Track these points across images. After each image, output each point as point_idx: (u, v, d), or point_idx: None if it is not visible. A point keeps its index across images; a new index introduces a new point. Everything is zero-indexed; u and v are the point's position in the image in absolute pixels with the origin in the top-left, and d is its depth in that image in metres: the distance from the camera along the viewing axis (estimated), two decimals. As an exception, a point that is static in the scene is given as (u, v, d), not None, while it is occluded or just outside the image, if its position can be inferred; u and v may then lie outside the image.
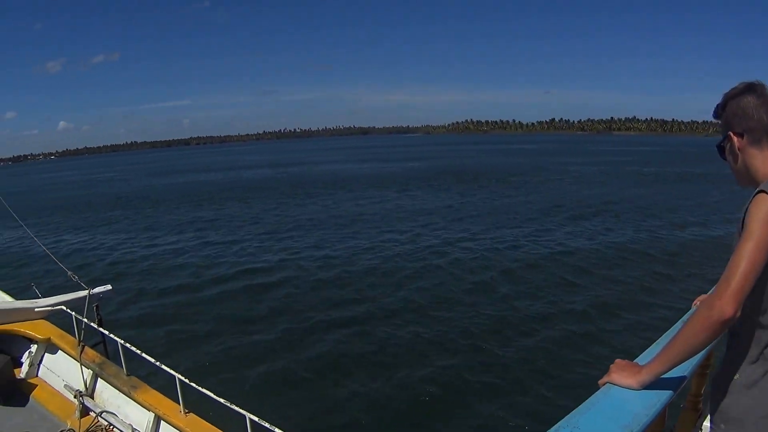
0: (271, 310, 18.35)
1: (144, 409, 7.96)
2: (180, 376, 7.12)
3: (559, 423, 2.34)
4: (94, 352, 9.24)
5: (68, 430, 8.27)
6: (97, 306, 9.97)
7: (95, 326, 9.28)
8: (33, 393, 9.41)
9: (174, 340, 16.08)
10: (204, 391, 6.73)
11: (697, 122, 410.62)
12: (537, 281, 20.34)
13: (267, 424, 6.17)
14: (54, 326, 10.12)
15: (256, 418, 6.25)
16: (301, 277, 21.97)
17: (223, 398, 6.58)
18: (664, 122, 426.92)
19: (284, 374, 13.69)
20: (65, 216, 48.26)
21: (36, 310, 10.29)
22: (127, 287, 21.74)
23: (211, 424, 7.21)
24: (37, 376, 9.88)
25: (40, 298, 10.73)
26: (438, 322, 16.48)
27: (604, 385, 2.72)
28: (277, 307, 18.51)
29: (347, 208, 41.84)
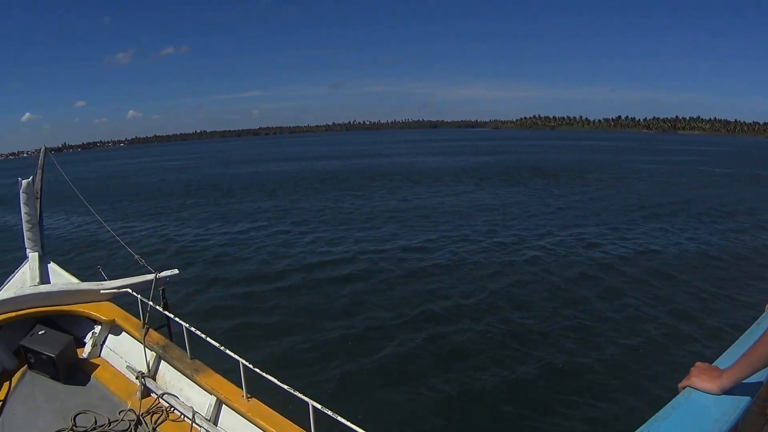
0: (340, 303, 18.65)
1: (206, 393, 8.22)
2: (244, 361, 7.32)
3: (640, 429, 2.38)
4: (159, 335, 9.60)
5: (128, 410, 8.58)
6: (163, 290, 10.39)
7: (161, 309, 9.71)
8: (95, 373, 9.87)
9: (238, 326, 16.60)
10: (268, 376, 6.87)
11: (759, 123, 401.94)
12: (616, 282, 20.15)
13: (330, 412, 6.27)
14: (119, 308, 10.60)
15: (319, 406, 6.35)
16: (374, 271, 22.15)
17: (286, 385, 6.71)
18: (727, 122, 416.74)
19: (350, 367, 13.92)
20: (134, 202, 50.35)
21: (101, 291, 10.80)
22: (194, 273, 22.72)
23: (273, 410, 7.37)
24: (99, 356, 10.36)
25: (105, 280, 11.27)
26: (514, 323, 16.42)
27: (683, 389, 2.75)
28: (347, 301, 18.80)
29: (423, 202, 41.96)
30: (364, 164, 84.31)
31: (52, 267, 12.24)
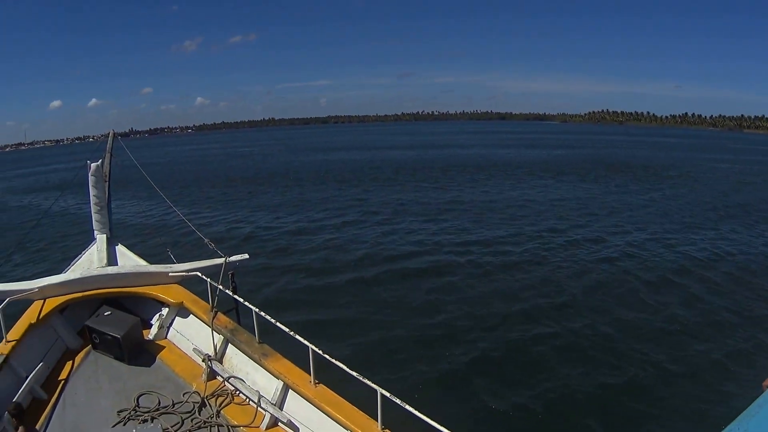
0: (413, 296, 18.84)
1: (273, 377, 8.51)
2: (313, 347, 7.57)
3: (728, 427, 2.48)
4: (227, 318, 9.96)
5: (193, 392, 9.00)
6: (232, 274, 10.82)
7: (230, 293, 10.14)
8: (160, 354, 10.33)
9: (307, 313, 17.01)
10: (337, 363, 7.11)
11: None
12: (697, 285, 19.89)
13: (398, 401, 6.47)
14: (187, 291, 11.07)
15: (387, 394, 6.57)
16: (451, 265, 22.18)
17: (355, 372, 6.94)
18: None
19: (422, 359, 14.12)
20: (202, 188, 51.93)
21: (170, 274, 11.32)
22: (263, 259, 23.35)
23: (342, 396, 7.56)
24: (165, 338, 10.84)
25: (174, 263, 11.72)
26: (597, 328, 16.26)
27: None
28: (420, 294, 18.96)
29: (500, 195, 41.68)
30: (436, 155, 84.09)
31: (120, 249, 12.76)
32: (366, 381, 6.71)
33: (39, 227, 27.95)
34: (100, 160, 12.99)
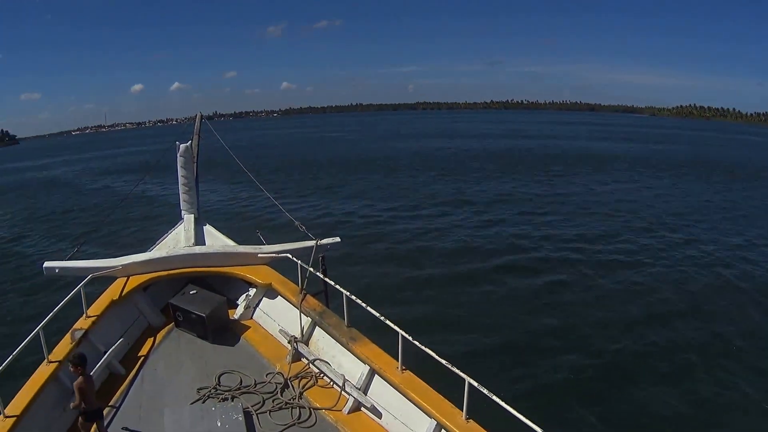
0: (506, 291, 19.09)
1: (360, 362, 8.85)
2: (403, 333, 7.84)
3: None
4: (315, 301, 10.38)
5: (277, 373, 9.47)
6: (322, 257, 11.23)
7: (320, 276, 10.53)
8: (245, 334, 10.88)
9: (397, 300, 17.58)
10: (426, 350, 7.37)
11: None
12: None
13: (486, 391, 6.72)
14: (276, 272, 11.54)
15: (475, 383, 6.83)
16: (563, 264, 22.05)
17: (444, 359, 7.15)
18: None
19: (513, 355, 14.46)
20: (291, 171, 53.31)
21: (259, 255, 11.86)
22: (355, 244, 23.84)
23: (429, 383, 7.81)
24: (251, 318, 11.40)
25: (263, 244, 12.27)
26: (726, 339, 15.94)
27: None
28: (515, 290, 19.19)
29: (605, 193, 40.74)
30: (532, 145, 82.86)
31: (208, 229, 13.43)
32: (454, 369, 6.89)
33: (122, 207, 29.18)
34: (189, 141, 13.67)
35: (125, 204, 30.65)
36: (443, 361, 7.03)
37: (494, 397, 6.40)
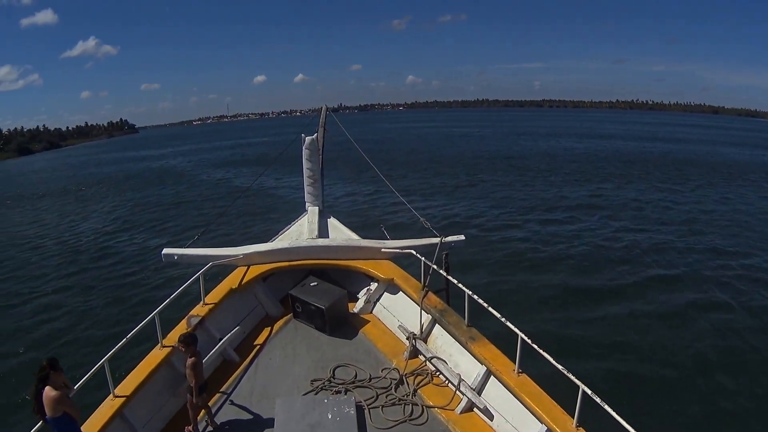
0: (641, 306, 18.48)
1: (477, 362, 8.88)
2: (523, 335, 7.83)
3: None
4: (437, 298, 10.45)
5: (393, 369, 9.63)
6: (446, 254, 11.38)
7: (443, 273, 10.59)
8: (363, 328, 11.12)
9: (519, 301, 17.72)
10: (544, 354, 7.34)
11: None
12: None
13: (598, 399, 6.66)
14: (398, 268, 11.73)
15: (589, 391, 6.76)
16: (694, 281, 20.97)
17: (561, 365, 7.13)
18: None
19: (630, 360, 14.31)
20: (416, 166, 53.84)
21: (382, 250, 12.09)
22: (480, 244, 24.19)
23: (542, 388, 7.79)
24: (371, 313, 11.65)
25: (387, 239, 12.54)
26: None
27: None
28: (650, 307, 18.48)
29: (755, 207, 37.01)
30: (667, 149, 77.43)
31: (332, 221, 13.79)
32: (570, 375, 6.88)
33: (244, 197, 30.20)
34: (315, 134, 14.10)
35: (247, 194, 31.65)
36: (560, 366, 7.02)
37: (607, 407, 6.37)
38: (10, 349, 17.58)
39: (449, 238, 11.63)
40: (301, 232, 13.36)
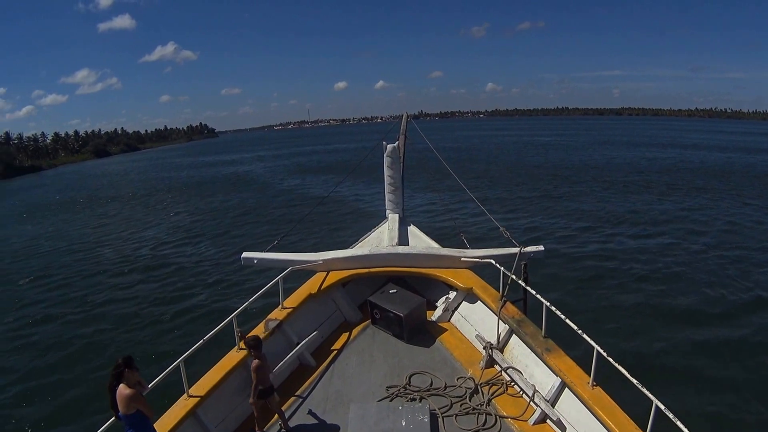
0: (714, 320, 17.96)
1: (552, 373, 8.83)
2: (599, 348, 7.77)
3: None
4: (515, 309, 10.43)
5: (468, 378, 9.64)
6: (525, 265, 11.31)
7: (522, 284, 10.57)
8: (440, 337, 11.15)
9: (597, 314, 17.42)
10: (619, 367, 7.24)
11: None
12: None
13: (671, 415, 6.54)
14: (478, 277, 11.73)
15: (662, 407, 6.66)
16: None
17: (636, 379, 7.03)
18: None
19: (710, 386, 13.67)
20: (497, 176, 53.47)
21: (462, 259, 12.11)
22: (559, 256, 23.89)
23: (616, 402, 7.68)
24: (448, 321, 11.66)
25: (467, 248, 12.56)
26: None
27: None
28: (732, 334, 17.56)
29: None
30: (753, 161, 71.57)
31: (412, 229, 13.89)
32: (644, 390, 6.79)
33: (324, 203, 30.39)
34: (396, 142, 14.23)
35: (326, 201, 31.82)
36: (634, 381, 6.92)
37: (680, 425, 6.24)
38: (95, 343, 18.43)
39: (528, 249, 11.51)
40: (381, 239, 13.53)
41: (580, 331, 8.03)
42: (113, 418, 6.73)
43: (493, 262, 11.16)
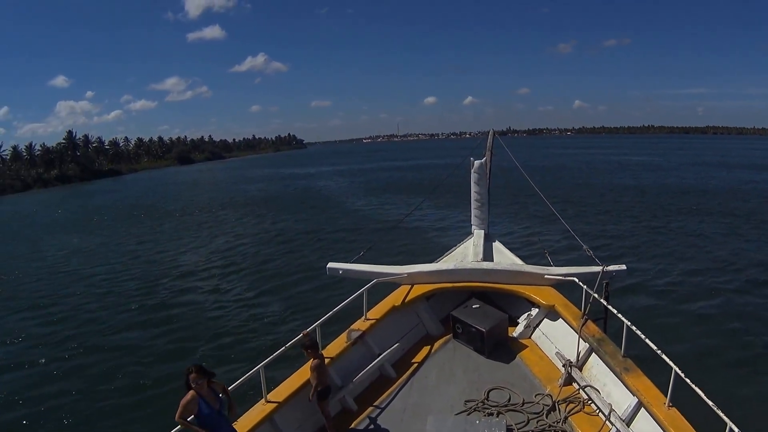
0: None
1: (629, 393, 8.78)
2: (677, 369, 7.72)
3: None
4: (595, 327, 10.40)
5: (546, 395, 9.69)
6: (607, 283, 11.29)
7: (604, 302, 10.61)
8: (521, 353, 11.21)
9: (678, 336, 17.04)
10: (696, 389, 7.23)
11: None
12: None
13: None
14: (560, 295, 11.78)
15: (736, 430, 6.60)
16: None
17: (712, 401, 7.00)
18: None
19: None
20: (585, 195, 52.72)
21: (546, 276, 12.16)
22: (641, 275, 23.47)
23: (691, 424, 7.62)
24: (529, 338, 11.70)
25: (551, 266, 12.58)
26: None
27: None
28: None
29: None
30: None
31: (497, 246, 14.05)
32: (719, 413, 6.74)
33: (408, 218, 30.46)
34: (484, 158, 14.40)
35: (411, 217, 31.92)
36: (710, 403, 6.87)
37: None
38: (176, 350, 19.03)
39: (611, 267, 11.45)
40: (466, 254, 13.71)
41: (659, 351, 8.00)
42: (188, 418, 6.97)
43: (576, 280, 11.20)
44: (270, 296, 24.29)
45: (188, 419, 6.88)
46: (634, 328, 8.70)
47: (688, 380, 7.36)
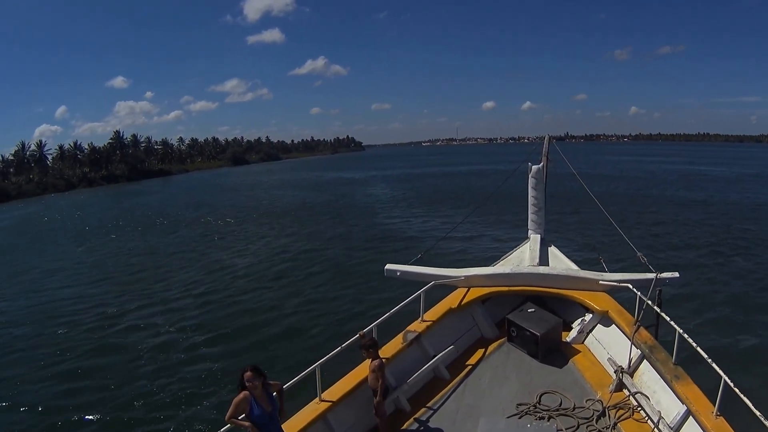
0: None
1: (678, 401, 8.69)
2: (726, 378, 7.61)
3: None
4: (648, 334, 10.32)
5: (597, 400, 9.64)
6: (660, 290, 11.11)
7: (657, 309, 10.43)
8: (573, 358, 11.19)
9: (727, 341, 16.89)
10: (743, 397, 7.17)
11: None
12: None
13: None
14: (614, 301, 11.70)
15: None
16: None
17: (759, 411, 6.91)
18: None
19: None
20: (647, 202, 52.06)
21: (600, 282, 12.08)
22: (695, 283, 23.04)
23: None
24: (582, 343, 11.66)
25: (606, 272, 12.47)
26: None
27: None
28: None
29: None
30: None
31: (553, 250, 14.01)
32: (766, 423, 6.63)
33: (463, 223, 30.27)
34: (542, 163, 14.41)
35: (467, 221, 31.89)
36: (758, 413, 6.79)
37: None
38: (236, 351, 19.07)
39: (664, 275, 11.33)
40: (522, 259, 13.71)
41: (709, 360, 7.90)
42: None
43: (630, 286, 11.06)
44: (325, 299, 24.37)
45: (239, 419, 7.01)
46: (686, 335, 8.61)
47: (737, 390, 7.28)
